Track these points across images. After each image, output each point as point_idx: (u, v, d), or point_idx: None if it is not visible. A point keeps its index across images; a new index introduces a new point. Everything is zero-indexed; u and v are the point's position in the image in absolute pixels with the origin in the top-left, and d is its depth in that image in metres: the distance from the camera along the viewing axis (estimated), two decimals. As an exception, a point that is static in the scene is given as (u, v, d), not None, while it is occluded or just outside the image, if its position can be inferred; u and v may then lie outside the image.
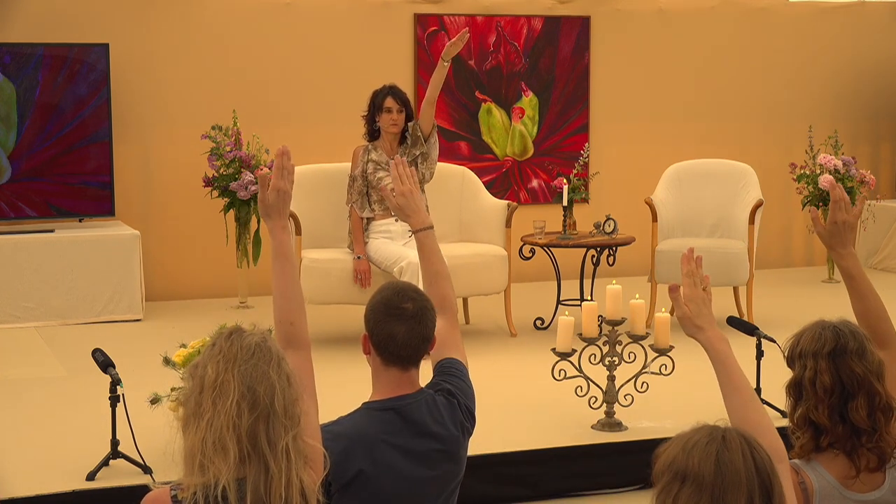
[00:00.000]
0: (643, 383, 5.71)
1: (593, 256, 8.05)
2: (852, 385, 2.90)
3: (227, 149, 8.31)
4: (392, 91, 7.33)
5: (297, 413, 2.52)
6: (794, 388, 2.97)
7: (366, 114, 7.42)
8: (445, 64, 7.20)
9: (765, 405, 5.81)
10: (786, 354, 3.03)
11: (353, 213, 7.37)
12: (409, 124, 7.34)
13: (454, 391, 3.25)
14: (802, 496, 2.87)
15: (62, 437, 5.65)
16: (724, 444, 2.19)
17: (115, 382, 4.95)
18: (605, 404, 5.74)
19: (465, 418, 3.24)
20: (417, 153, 7.34)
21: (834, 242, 3.26)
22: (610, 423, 5.71)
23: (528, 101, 9.62)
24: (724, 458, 2.18)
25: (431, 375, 3.33)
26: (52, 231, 8.12)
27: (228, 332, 2.57)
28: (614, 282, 5.76)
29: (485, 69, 9.49)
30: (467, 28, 7.36)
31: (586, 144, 9.27)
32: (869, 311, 3.22)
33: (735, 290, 8.13)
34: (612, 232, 7.93)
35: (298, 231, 7.30)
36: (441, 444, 3.16)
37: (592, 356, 5.69)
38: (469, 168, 8.40)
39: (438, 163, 7.93)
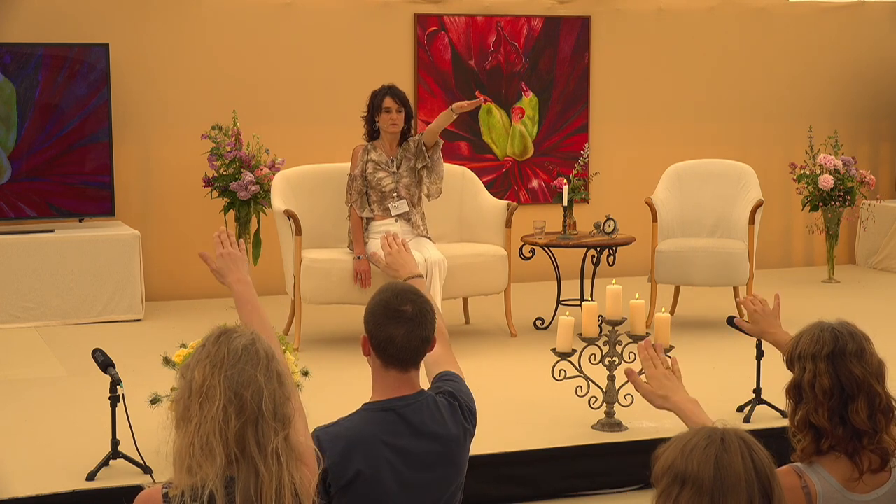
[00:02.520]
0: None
1: (593, 256, 8.05)
2: (852, 387, 2.90)
3: (227, 149, 8.31)
4: (391, 91, 7.33)
5: (287, 413, 2.51)
6: (794, 391, 2.97)
7: (365, 114, 7.42)
8: (453, 115, 7.23)
9: (765, 406, 5.84)
10: (785, 356, 3.03)
11: (352, 213, 7.36)
12: (417, 137, 7.33)
13: (455, 393, 3.25)
14: (805, 500, 2.87)
15: (62, 437, 5.65)
16: (722, 447, 2.19)
17: (115, 382, 4.95)
18: (605, 404, 5.74)
19: (466, 419, 3.23)
20: (420, 166, 7.33)
21: (765, 325, 3.60)
22: (610, 423, 5.71)
23: (528, 101, 9.62)
24: (723, 460, 2.18)
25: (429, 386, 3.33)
26: (52, 231, 8.12)
27: (217, 335, 2.55)
28: (614, 282, 5.76)
29: (485, 69, 9.49)
30: (484, 99, 7.35)
31: (586, 144, 9.27)
32: None
33: (735, 290, 8.13)
34: (612, 232, 7.93)
35: (298, 231, 7.29)
36: (441, 446, 3.15)
37: (592, 356, 5.69)
38: (469, 168, 8.40)
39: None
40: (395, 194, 7.34)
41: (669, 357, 3.16)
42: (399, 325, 3.10)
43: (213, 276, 3.24)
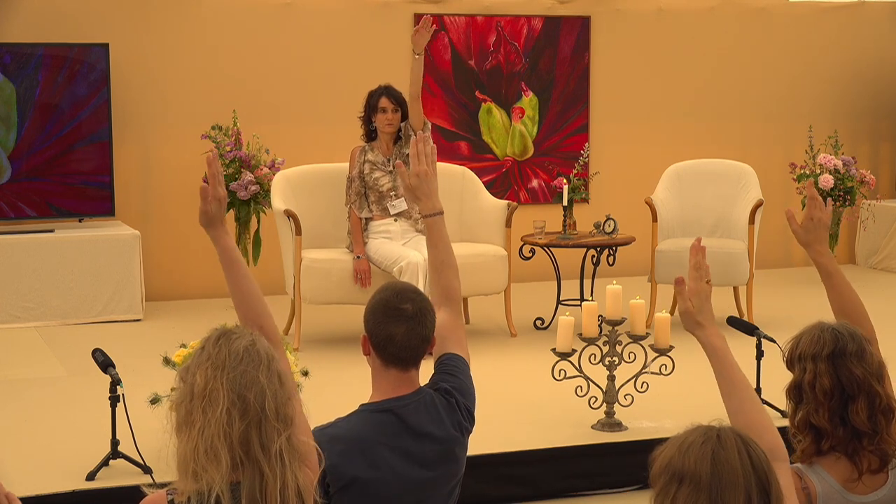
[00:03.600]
0: (643, 383, 5.71)
1: (593, 256, 8.05)
2: (852, 387, 2.89)
3: (227, 149, 8.31)
4: (387, 91, 7.34)
5: (289, 413, 2.50)
6: (794, 392, 2.97)
7: (362, 114, 7.43)
8: (417, 56, 7.17)
9: (765, 405, 5.84)
10: (785, 357, 3.02)
11: (352, 214, 7.37)
12: (402, 124, 7.34)
13: (452, 390, 3.23)
14: (806, 501, 2.87)
15: (62, 437, 5.65)
16: (719, 444, 2.19)
17: (115, 382, 4.95)
18: (605, 404, 5.74)
19: (464, 418, 3.23)
20: (408, 153, 7.34)
21: (811, 239, 3.29)
22: (610, 423, 5.71)
23: (528, 101, 9.62)
24: (720, 457, 2.18)
25: (432, 371, 3.32)
26: (52, 231, 8.12)
27: (217, 336, 2.54)
28: (614, 282, 5.76)
29: (485, 69, 9.49)
30: (429, 17, 7.20)
31: (586, 144, 9.28)
32: (847, 307, 3.24)
33: (735, 290, 8.13)
34: (612, 232, 7.93)
35: (298, 231, 7.30)
36: (439, 445, 3.15)
37: (592, 356, 5.69)
38: (469, 168, 8.40)
39: (438, 163, 7.90)
40: (392, 193, 7.35)
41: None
42: (399, 324, 3.09)
43: (200, 218, 2.96)
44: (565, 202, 7.97)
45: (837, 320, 3.16)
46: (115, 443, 5.05)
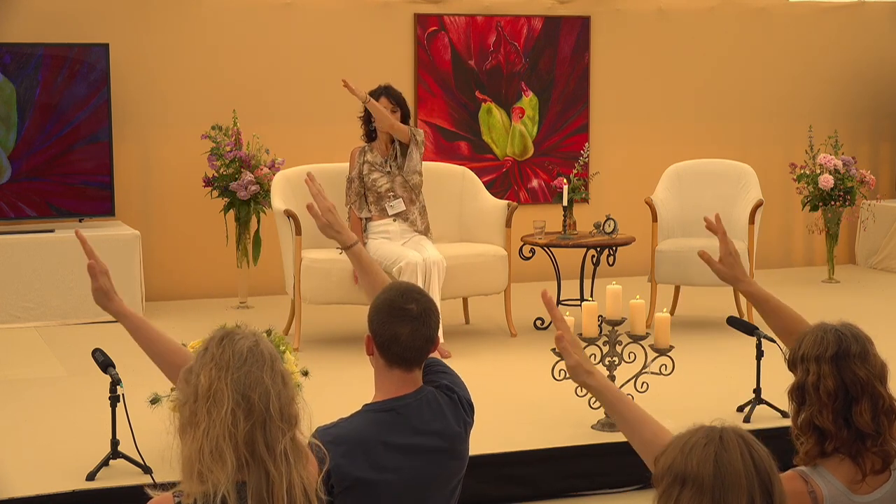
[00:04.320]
0: (643, 383, 5.71)
1: (593, 256, 8.05)
2: (856, 389, 2.89)
3: (227, 149, 8.31)
4: (386, 91, 7.33)
5: (293, 413, 2.51)
6: (797, 393, 2.96)
7: (362, 115, 7.43)
8: (369, 100, 7.18)
9: (765, 405, 5.84)
10: (787, 358, 3.02)
11: (352, 214, 7.37)
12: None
13: (452, 386, 3.25)
14: None
15: (62, 437, 5.65)
16: (721, 445, 2.19)
17: (115, 382, 4.95)
18: (605, 404, 5.73)
19: (466, 413, 3.24)
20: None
21: (736, 273, 3.40)
22: (610, 423, 5.71)
23: (528, 101, 9.62)
24: (722, 458, 2.17)
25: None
26: (52, 231, 8.12)
27: (220, 337, 2.54)
28: (614, 282, 5.76)
29: (485, 69, 9.49)
30: (343, 81, 7.22)
31: (586, 144, 9.27)
32: (790, 326, 3.29)
33: (735, 290, 8.12)
34: (612, 232, 7.92)
35: (298, 231, 7.29)
36: (444, 442, 3.15)
37: (592, 356, 5.69)
38: (469, 168, 8.40)
39: (438, 163, 7.95)
40: (391, 194, 7.35)
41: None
42: (404, 324, 3.09)
43: (94, 296, 3.23)
44: (565, 202, 7.97)
45: (783, 341, 3.22)
46: (115, 443, 5.05)
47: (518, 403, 6.17)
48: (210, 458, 2.41)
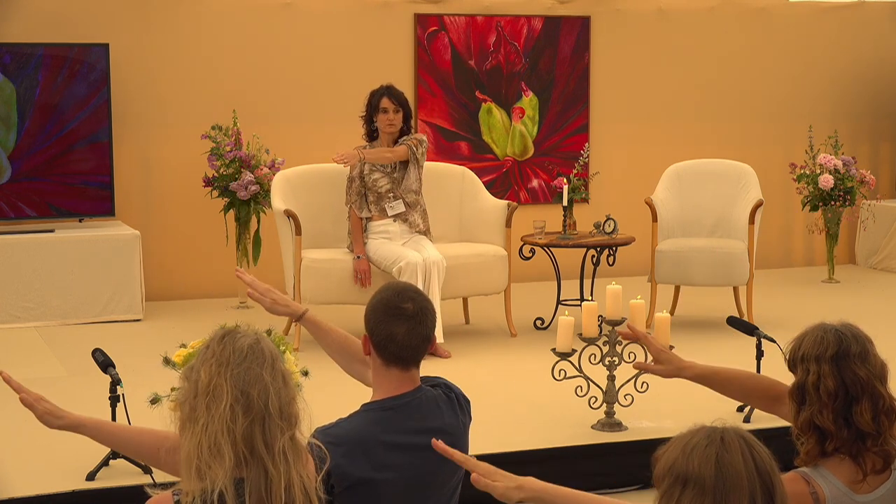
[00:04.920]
0: (643, 383, 5.71)
1: (593, 256, 8.05)
2: (856, 389, 2.89)
3: (227, 149, 8.31)
4: (388, 91, 7.33)
5: (293, 413, 2.51)
6: (798, 393, 2.96)
7: (363, 114, 7.43)
8: (364, 157, 7.19)
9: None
10: (787, 358, 3.02)
11: (352, 214, 7.37)
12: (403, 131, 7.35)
13: (450, 384, 3.26)
14: None
15: (62, 437, 5.60)
16: (723, 446, 2.19)
17: (115, 382, 4.95)
18: (605, 404, 5.74)
19: (464, 411, 3.25)
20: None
21: (676, 364, 3.44)
22: (610, 423, 5.71)
23: (528, 101, 9.62)
24: (724, 459, 2.17)
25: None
26: (52, 231, 8.11)
27: (221, 335, 2.55)
28: (614, 282, 5.76)
29: (485, 69, 9.49)
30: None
31: (586, 144, 9.27)
32: (748, 385, 3.34)
33: (735, 290, 8.13)
34: (612, 232, 7.92)
35: (298, 231, 7.29)
36: (443, 439, 3.15)
37: (592, 356, 5.69)
38: (469, 168, 8.40)
39: (438, 163, 7.94)
40: (391, 195, 7.35)
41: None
42: (400, 323, 3.10)
43: (45, 420, 3.28)
44: (565, 202, 7.97)
45: (750, 400, 3.24)
46: (115, 443, 5.05)
47: (518, 403, 6.17)
48: (208, 453, 2.42)
